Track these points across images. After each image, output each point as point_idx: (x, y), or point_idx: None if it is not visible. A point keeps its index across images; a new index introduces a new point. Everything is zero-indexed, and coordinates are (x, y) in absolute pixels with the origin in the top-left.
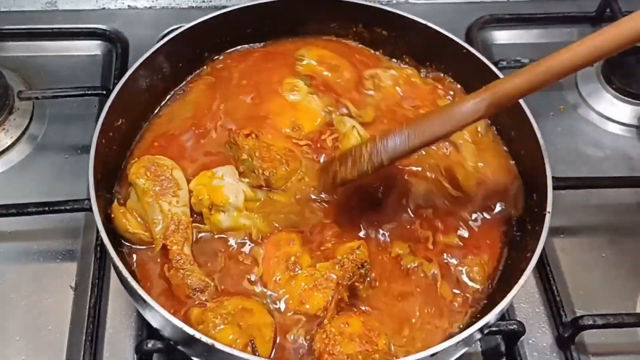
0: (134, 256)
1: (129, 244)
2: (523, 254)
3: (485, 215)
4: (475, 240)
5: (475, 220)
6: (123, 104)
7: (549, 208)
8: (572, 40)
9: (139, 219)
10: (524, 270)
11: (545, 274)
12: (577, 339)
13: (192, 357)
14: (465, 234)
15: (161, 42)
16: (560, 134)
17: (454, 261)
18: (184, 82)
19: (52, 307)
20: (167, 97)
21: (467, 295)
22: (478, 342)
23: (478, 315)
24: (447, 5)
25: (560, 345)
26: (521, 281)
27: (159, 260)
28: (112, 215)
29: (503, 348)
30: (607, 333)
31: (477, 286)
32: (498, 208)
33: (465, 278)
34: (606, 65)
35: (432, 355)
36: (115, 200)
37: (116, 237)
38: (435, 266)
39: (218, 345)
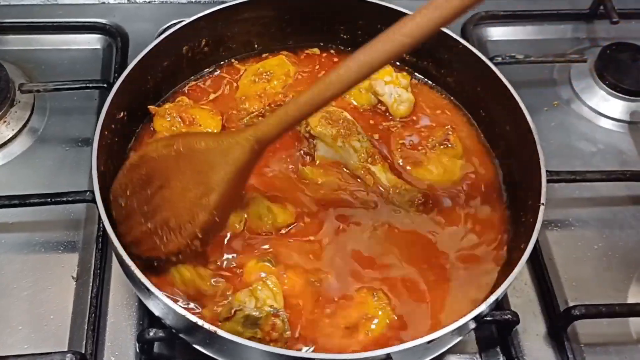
0: None
1: None
2: (517, 245)
3: None
4: None
5: None
6: (124, 97)
7: (543, 200)
8: (566, 37)
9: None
10: (517, 261)
11: (538, 265)
12: (570, 329)
13: (194, 345)
14: None
15: (162, 37)
16: (553, 129)
17: None
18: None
19: (54, 297)
20: (170, 91)
21: None
22: (473, 332)
23: None
24: None
25: (553, 335)
26: (515, 271)
27: None
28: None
29: (497, 338)
30: (598, 323)
31: None
32: None
33: None
34: (599, 61)
35: (429, 342)
36: None
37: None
38: None
39: (220, 333)
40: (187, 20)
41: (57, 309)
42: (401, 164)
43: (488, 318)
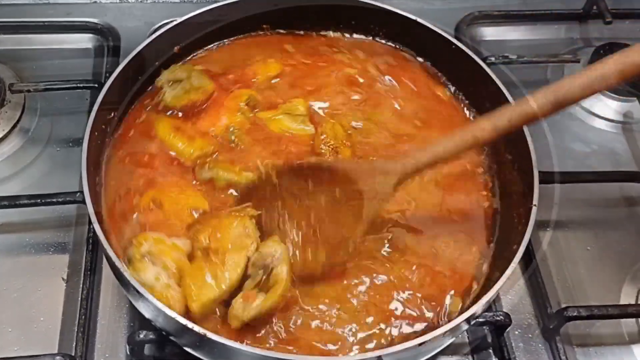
0: None
1: None
2: (510, 246)
3: None
4: None
5: None
6: (115, 97)
7: (535, 201)
8: (560, 37)
9: None
10: (510, 262)
11: (531, 266)
12: (562, 330)
13: (185, 347)
14: None
15: (152, 37)
16: (547, 130)
17: None
18: None
19: (44, 299)
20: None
21: None
22: (465, 333)
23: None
24: (437, 2)
25: (546, 336)
26: (507, 272)
27: None
28: None
29: (490, 339)
30: (591, 325)
31: None
32: None
33: None
34: (592, 61)
35: (420, 344)
36: None
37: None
38: None
39: (210, 335)
40: (179, 20)
41: (47, 310)
42: None
43: (480, 319)
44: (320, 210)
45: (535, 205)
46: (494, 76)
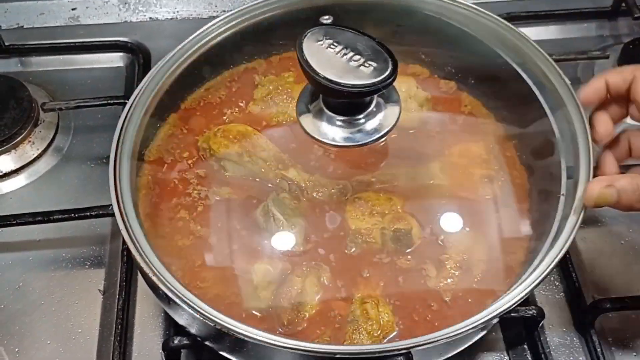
0: None
1: None
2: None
3: None
4: None
5: None
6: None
7: (562, 191)
8: (590, 35)
9: None
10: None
11: (564, 261)
12: (597, 324)
13: (221, 352)
14: None
15: (175, 50)
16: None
17: None
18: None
19: (82, 311)
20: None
21: None
22: (500, 329)
23: None
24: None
25: (580, 330)
26: (536, 264)
27: None
28: None
29: (524, 334)
30: (626, 318)
31: None
32: None
33: None
34: (622, 57)
35: (450, 337)
36: None
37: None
38: None
39: (241, 331)
40: (196, 34)
41: (84, 322)
42: None
43: (513, 314)
44: None
45: (562, 194)
46: (521, 72)
